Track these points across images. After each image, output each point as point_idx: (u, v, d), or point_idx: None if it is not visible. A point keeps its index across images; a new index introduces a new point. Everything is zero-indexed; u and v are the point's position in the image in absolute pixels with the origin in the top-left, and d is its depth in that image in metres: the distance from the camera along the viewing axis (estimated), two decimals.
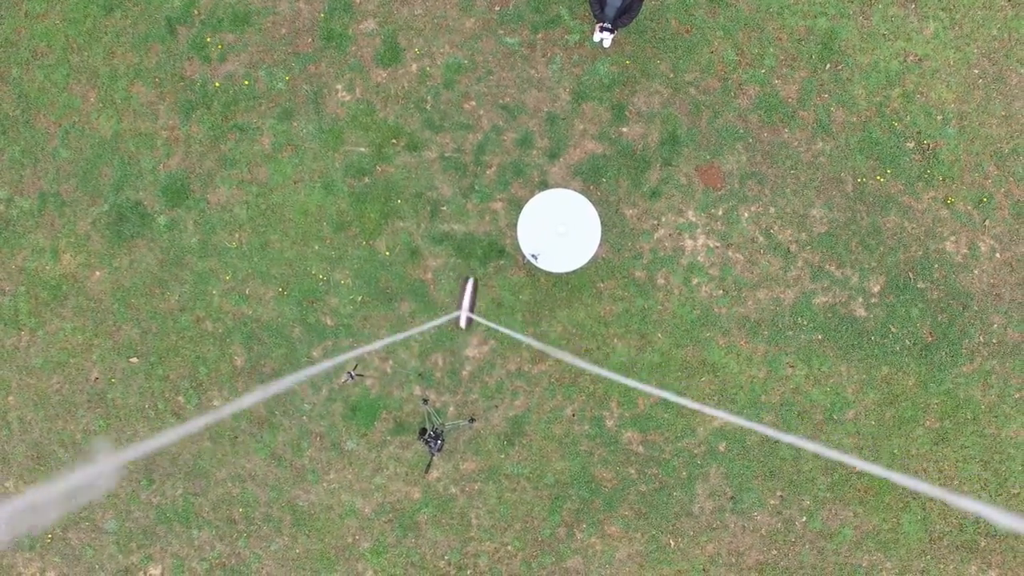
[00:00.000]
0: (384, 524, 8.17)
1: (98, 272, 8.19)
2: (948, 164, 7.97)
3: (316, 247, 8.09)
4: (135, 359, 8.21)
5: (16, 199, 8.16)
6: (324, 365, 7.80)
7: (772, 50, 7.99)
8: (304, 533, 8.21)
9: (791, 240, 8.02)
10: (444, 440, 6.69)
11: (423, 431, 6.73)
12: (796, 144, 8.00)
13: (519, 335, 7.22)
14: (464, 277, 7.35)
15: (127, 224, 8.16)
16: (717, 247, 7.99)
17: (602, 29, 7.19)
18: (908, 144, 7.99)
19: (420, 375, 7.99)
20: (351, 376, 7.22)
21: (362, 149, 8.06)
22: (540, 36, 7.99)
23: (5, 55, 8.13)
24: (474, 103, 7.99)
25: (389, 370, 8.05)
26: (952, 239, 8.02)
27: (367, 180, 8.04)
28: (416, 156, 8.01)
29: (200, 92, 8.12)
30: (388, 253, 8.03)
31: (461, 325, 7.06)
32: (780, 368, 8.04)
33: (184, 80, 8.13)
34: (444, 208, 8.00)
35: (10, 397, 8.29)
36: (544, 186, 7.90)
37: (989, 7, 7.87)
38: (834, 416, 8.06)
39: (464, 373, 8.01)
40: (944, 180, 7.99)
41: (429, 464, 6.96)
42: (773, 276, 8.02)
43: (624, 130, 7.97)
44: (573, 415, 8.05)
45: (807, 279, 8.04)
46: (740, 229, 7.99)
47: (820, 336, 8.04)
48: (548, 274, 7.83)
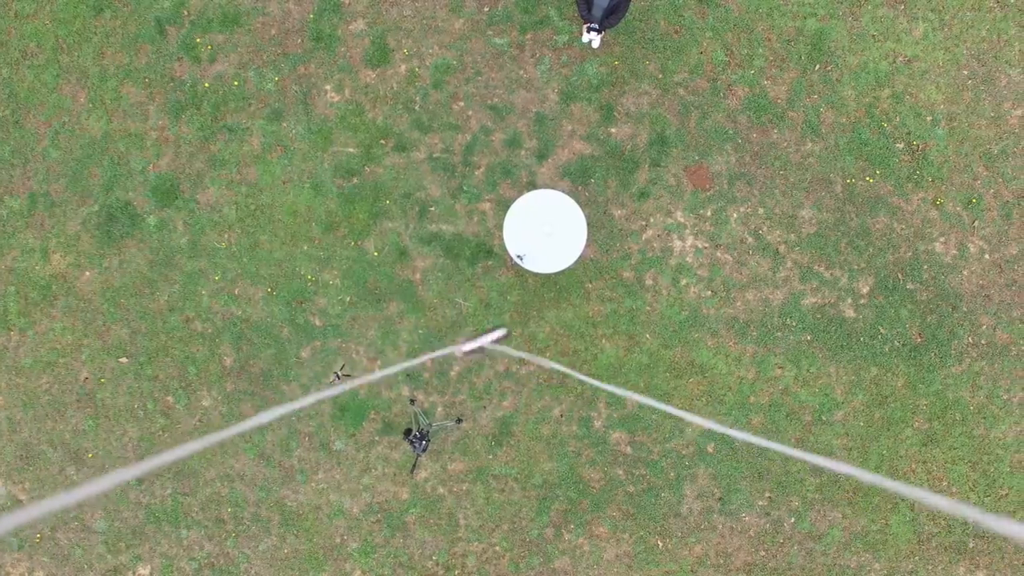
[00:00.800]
0: (372, 524, 8.18)
1: (88, 272, 8.21)
2: (937, 165, 7.96)
3: (305, 247, 8.10)
4: (125, 359, 8.23)
5: (6, 199, 8.18)
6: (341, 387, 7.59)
7: (761, 51, 7.99)
8: (292, 533, 8.22)
9: (780, 241, 8.01)
10: (430, 441, 6.69)
11: (408, 431, 6.74)
12: (785, 145, 7.99)
13: (525, 355, 6.94)
14: (496, 327, 6.62)
15: (117, 224, 8.17)
16: (706, 248, 7.99)
17: (589, 30, 7.18)
18: (898, 145, 7.98)
19: (408, 376, 8.00)
20: (338, 376, 7.23)
21: (351, 150, 8.07)
22: (529, 37, 7.99)
23: None
24: (463, 104, 8.00)
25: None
26: (941, 240, 8.01)
27: (356, 181, 8.05)
28: (405, 157, 8.02)
29: (190, 93, 8.14)
30: (377, 253, 8.04)
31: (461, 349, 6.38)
32: (769, 369, 8.04)
33: (174, 81, 8.14)
34: (432, 209, 8.01)
35: None
36: (533, 187, 7.91)
37: (978, 8, 7.86)
38: (823, 417, 8.06)
39: (452, 374, 8.02)
40: (933, 181, 7.98)
41: (415, 465, 6.96)
42: (762, 277, 8.02)
43: (612, 131, 7.97)
44: (561, 416, 8.06)
45: (796, 280, 8.03)
46: (729, 230, 7.99)
47: (809, 337, 8.04)
48: (536, 275, 7.83)
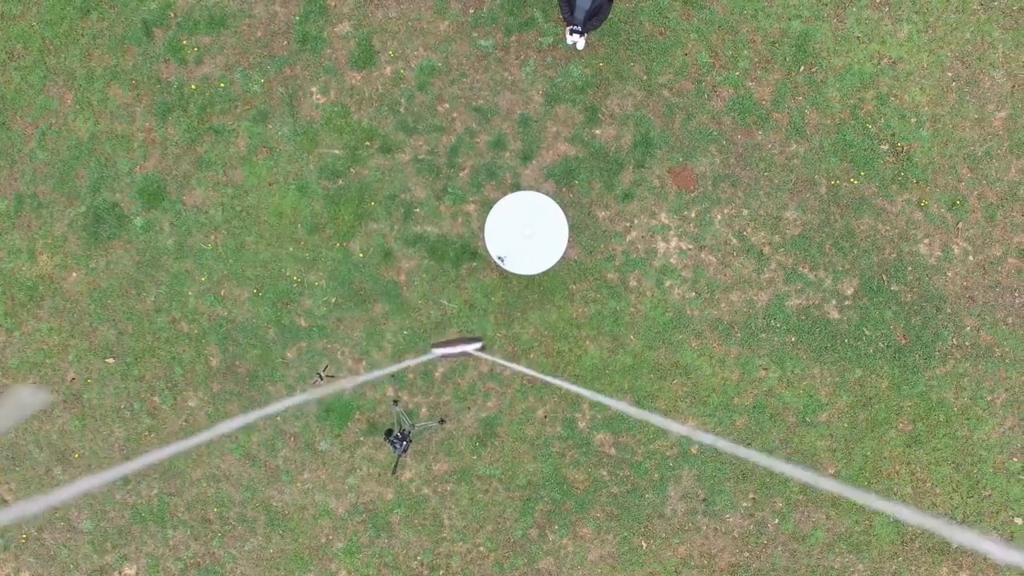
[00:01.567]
0: (357, 524, 8.21)
1: (75, 273, 8.24)
2: (922, 167, 7.97)
3: (291, 249, 8.13)
4: (111, 360, 8.26)
5: None
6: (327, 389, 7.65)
7: (746, 52, 8.00)
8: (278, 533, 8.25)
9: (764, 242, 8.03)
10: (411, 441, 6.72)
11: (389, 432, 6.76)
12: (770, 146, 8.00)
13: (518, 366, 6.87)
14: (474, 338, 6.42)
15: (104, 226, 8.21)
16: (690, 249, 8.01)
17: (572, 32, 7.20)
18: (882, 146, 7.99)
19: (393, 376, 8.03)
20: (320, 377, 7.25)
21: (336, 151, 8.10)
22: (514, 38, 8.01)
23: None
24: (448, 105, 8.02)
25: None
26: (926, 241, 8.02)
27: (341, 182, 8.08)
28: (390, 158, 8.05)
29: (176, 94, 8.17)
30: (362, 255, 8.07)
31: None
32: (753, 370, 8.06)
33: (160, 82, 8.17)
34: (417, 210, 8.04)
35: None
36: (517, 188, 7.93)
37: (962, 11, 7.86)
38: (807, 419, 8.07)
39: (437, 375, 8.05)
40: (918, 183, 7.99)
41: (395, 465, 7.00)
42: (746, 278, 8.03)
43: (597, 132, 7.99)
44: (545, 417, 8.08)
45: (780, 281, 8.05)
46: (713, 231, 8.01)
47: (793, 338, 8.05)
48: (520, 276, 7.85)
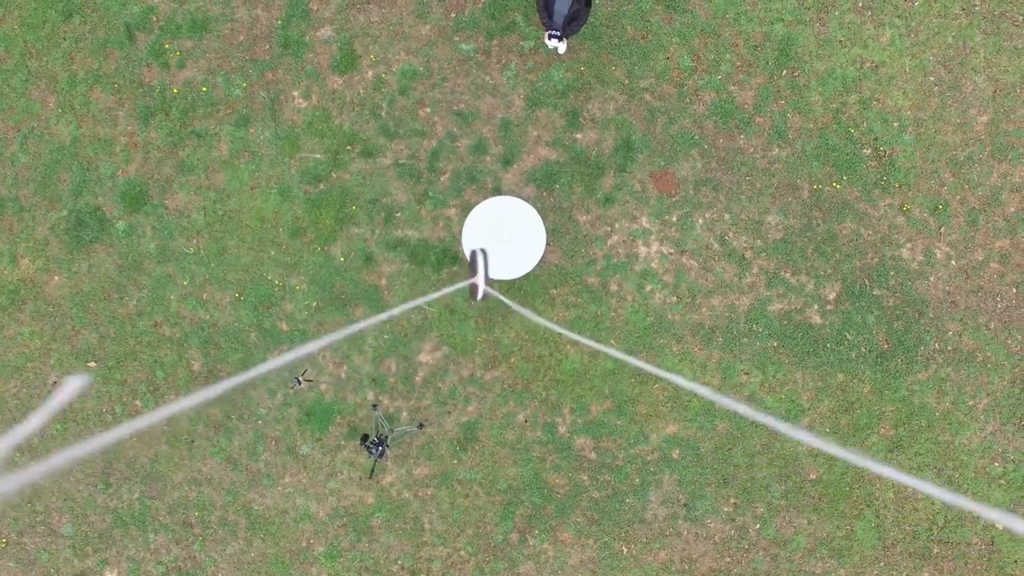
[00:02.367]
0: (338, 528, 8.21)
1: (56, 277, 8.25)
2: (904, 171, 7.95)
3: (272, 253, 8.13)
4: (93, 363, 8.27)
5: None
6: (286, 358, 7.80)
7: (728, 56, 7.98)
8: (259, 537, 8.25)
9: (746, 247, 8.01)
10: (388, 447, 6.71)
11: (365, 437, 6.76)
12: (752, 150, 7.99)
13: (533, 315, 6.77)
14: (474, 250, 6.62)
15: (86, 229, 8.21)
16: (671, 254, 8.00)
17: (551, 36, 7.19)
18: (865, 151, 7.97)
19: (373, 380, 8.03)
20: (298, 381, 7.25)
21: (318, 155, 8.10)
22: (495, 43, 8.00)
23: None
24: (429, 110, 8.02)
25: (343, 375, 8.08)
26: (908, 246, 8.00)
27: (323, 186, 8.08)
28: (371, 162, 8.04)
29: (159, 98, 8.17)
30: (343, 259, 8.07)
31: (477, 296, 6.33)
32: (735, 375, 8.04)
33: (143, 86, 8.18)
34: (398, 214, 8.03)
35: None
36: (498, 192, 7.92)
37: (944, 15, 7.84)
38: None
39: (417, 379, 8.05)
40: (900, 187, 7.97)
41: (372, 470, 6.99)
42: (728, 283, 8.02)
43: (578, 136, 7.98)
44: (526, 421, 8.07)
45: (762, 286, 8.03)
46: (694, 236, 7.99)
47: (775, 343, 8.04)
48: (500, 280, 7.85)
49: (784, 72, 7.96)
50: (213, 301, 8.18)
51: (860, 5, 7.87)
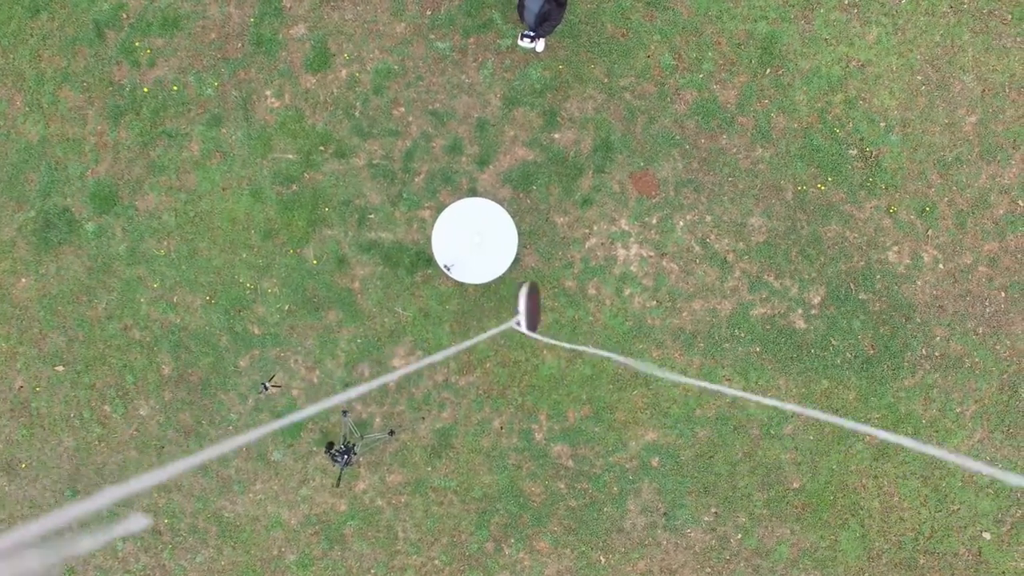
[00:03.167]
0: (310, 536, 8.03)
1: (24, 279, 8.09)
2: (891, 172, 7.75)
3: (244, 255, 7.95)
4: (61, 367, 8.11)
5: None
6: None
7: (711, 54, 7.79)
8: (230, 545, 8.08)
9: (728, 249, 7.82)
10: (355, 455, 6.53)
11: (330, 445, 6.57)
12: (734, 151, 7.80)
13: (580, 347, 6.57)
14: (520, 283, 6.35)
15: (54, 231, 8.05)
16: (651, 256, 7.81)
17: (523, 36, 7.01)
18: (850, 151, 7.78)
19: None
20: (265, 387, 7.08)
21: (290, 156, 7.92)
22: (472, 41, 7.82)
23: None
24: (403, 109, 7.84)
25: (316, 380, 7.91)
26: (895, 249, 7.80)
27: (295, 187, 7.90)
28: (344, 163, 7.87)
29: (129, 97, 8.00)
30: (315, 261, 7.89)
31: (523, 330, 6.07)
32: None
33: (113, 85, 8.01)
34: (372, 216, 7.85)
35: None
36: (473, 193, 7.74)
37: (932, 13, 7.64)
38: (771, 431, 7.86)
39: (390, 384, 7.86)
40: (887, 189, 7.78)
41: (339, 478, 6.82)
42: (709, 287, 7.83)
43: (556, 136, 7.80)
44: (501, 428, 7.89)
45: (745, 290, 7.84)
46: (675, 238, 7.80)
47: (758, 348, 7.85)
48: (476, 284, 7.66)
49: (768, 71, 7.77)
50: (184, 304, 8.01)
51: (846, 3, 7.68)
